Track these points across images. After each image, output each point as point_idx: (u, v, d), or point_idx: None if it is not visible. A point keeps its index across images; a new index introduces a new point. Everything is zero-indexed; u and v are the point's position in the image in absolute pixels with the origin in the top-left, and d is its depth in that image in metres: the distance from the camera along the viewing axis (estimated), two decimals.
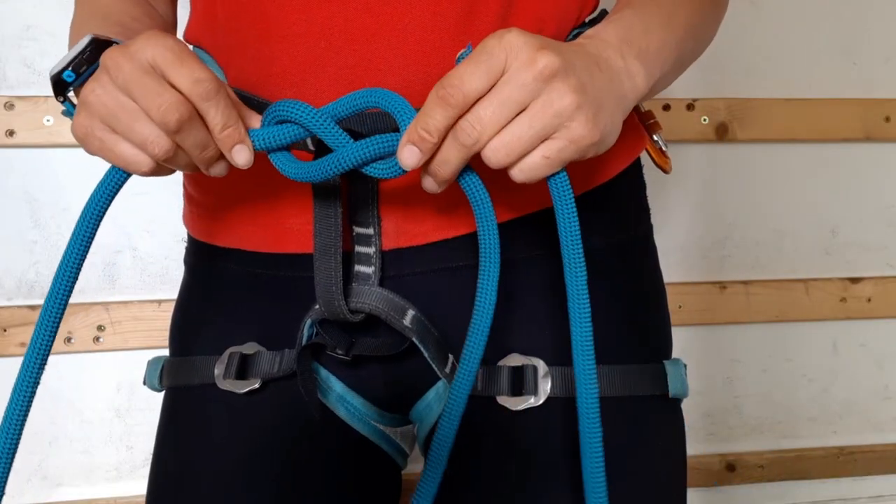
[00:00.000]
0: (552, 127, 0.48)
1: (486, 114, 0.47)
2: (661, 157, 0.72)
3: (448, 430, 0.57)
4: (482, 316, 0.54)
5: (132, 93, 0.49)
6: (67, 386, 1.28)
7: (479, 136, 0.47)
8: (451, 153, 0.48)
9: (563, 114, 0.47)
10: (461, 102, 0.46)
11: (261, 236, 0.63)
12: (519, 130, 0.47)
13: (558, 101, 0.47)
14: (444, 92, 0.46)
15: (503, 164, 0.48)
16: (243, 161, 0.52)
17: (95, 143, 0.51)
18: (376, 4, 0.56)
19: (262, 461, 0.63)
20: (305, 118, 0.51)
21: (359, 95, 0.51)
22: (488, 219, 0.53)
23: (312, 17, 0.57)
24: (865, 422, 1.49)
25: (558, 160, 0.49)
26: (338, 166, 0.51)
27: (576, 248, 0.52)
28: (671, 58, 0.58)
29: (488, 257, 0.54)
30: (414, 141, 0.48)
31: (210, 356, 0.65)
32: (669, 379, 0.64)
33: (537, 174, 0.49)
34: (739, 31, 1.34)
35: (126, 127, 0.49)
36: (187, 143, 0.50)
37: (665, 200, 1.40)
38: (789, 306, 1.43)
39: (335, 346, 0.62)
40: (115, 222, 1.26)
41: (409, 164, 0.49)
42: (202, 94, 0.48)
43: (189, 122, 0.49)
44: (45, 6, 1.21)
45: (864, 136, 1.41)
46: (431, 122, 0.47)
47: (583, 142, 0.48)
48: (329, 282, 0.58)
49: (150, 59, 0.48)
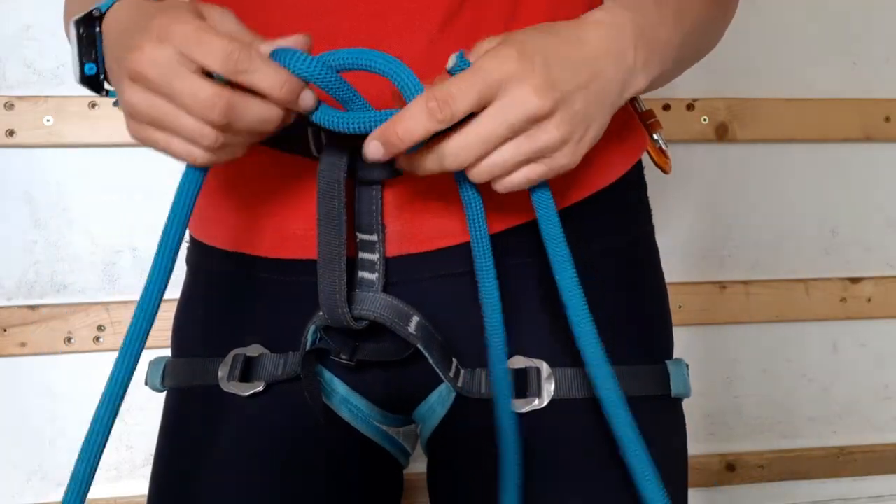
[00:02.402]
0: (535, 154, 0.49)
1: (472, 143, 0.48)
2: (662, 156, 0.72)
3: (509, 447, 0.58)
4: (494, 324, 0.55)
5: (168, 95, 0.47)
6: (67, 386, 1.28)
7: (462, 163, 0.49)
8: (429, 165, 0.50)
9: (549, 148, 0.49)
10: (447, 119, 0.46)
11: (264, 241, 0.63)
12: (502, 158, 0.49)
13: (545, 136, 0.49)
14: (434, 105, 0.46)
15: (484, 181, 0.50)
16: (308, 104, 0.49)
17: (152, 143, 0.51)
18: (382, 11, 0.56)
19: (265, 463, 0.63)
20: (302, 68, 0.48)
21: (363, 55, 0.49)
22: (479, 226, 0.54)
23: (318, 24, 0.57)
24: (865, 422, 1.49)
25: (538, 179, 0.51)
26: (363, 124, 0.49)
27: (561, 252, 0.54)
28: (672, 57, 0.58)
29: (482, 265, 0.55)
30: (383, 140, 0.48)
31: (214, 358, 0.65)
32: (672, 379, 0.64)
33: (519, 187, 0.51)
34: (739, 31, 1.33)
35: (171, 126, 0.48)
36: (244, 124, 0.48)
37: (665, 200, 1.39)
38: (789, 306, 1.43)
39: (339, 351, 0.62)
40: (115, 222, 1.26)
41: (370, 156, 0.48)
42: (238, 68, 0.46)
43: (234, 109, 0.47)
44: (45, 6, 1.21)
45: (864, 136, 1.41)
46: (409, 128, 0.47)
47: (564, 169, 0.51)
48: (332, 289, 0.57)
49: (172, 55, 0.46)
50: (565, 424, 0.61)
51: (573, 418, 0.61)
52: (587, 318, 0.54)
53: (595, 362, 0.54)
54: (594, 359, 0.54)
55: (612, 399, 0.55)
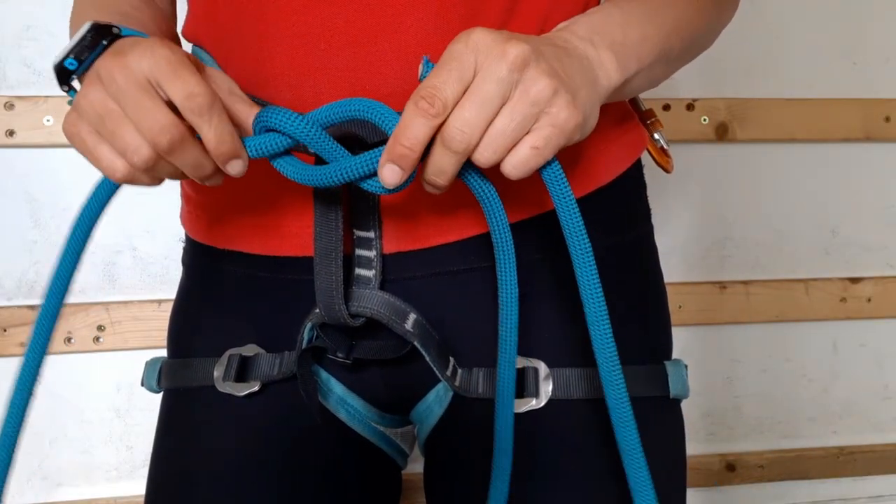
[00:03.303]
0: (533, 115, 0.47)
1: (471, 115, 0.46)
2: (663, 156, 0.72)
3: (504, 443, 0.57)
4: (508, 320, 0.55)
5: (123, 105, 0.48)
6: (67, 386, 1.28)
7: (470, 139, 0.47)
8: (443, 162, 0.48)
9: (542, 99, 0.47)
10: (441, 111, 0.46)
11: (260, 239, 0.63)
12: (501, 125, 0.47)
13: (534, 87, 0.47)
14: (423, 103, 0.46)
15: (492, 161, 0.48)
16: (237, 172, 0.51)
17: (79, 143, 0.51)
18: (377, 5, 0.56)
19: (261, 463, 0.63)
20: (291, 128, 0.50)
21: (343, 105, 0.50)
22: (499, 217, 0.53)
23: (312, 19, 0.57)
24: (865, 422, 1.49)
25: (547, 149, 0.48)
26: (331, 178, 0.50)
27: (581, 237, 0.51)
28: (653, 52, 0.57)
29: (504, 254, 0.54)
30: (394, 158, 0.47)
31: (209, 358, 0.65)
32: (670, 380, 0.64)
33: (529, 166, 0.48)
34: (739, 31, 1.33)
35: (110, 132, 0.49)
36: (181, 162, 0.49)
37: (665, 200, 1.40)
38: (789, 306, 1.43)
39: (335, 349, 0.62)
40: (115, 222, 1.26)
41: (390, 182, 0.48)
42: (195, 110, 0.47)
43: (181, 144, 0.48)
44: (45, 6, 1.21)
45: (864, 136, 1.41)
46: (412, 135, 0.46)
47: (567, 125, 0.48)
48: (329, 286, 0.57)
49: (145, 71, 0.48)
50: (563, 425, 0.61)
51: (571, 419, 0.61)
52: (604, 313, 0.53)
53: (607, 362, 0.53)
54: (606, 359, 0.53)
55: (618, 402, 0.54)
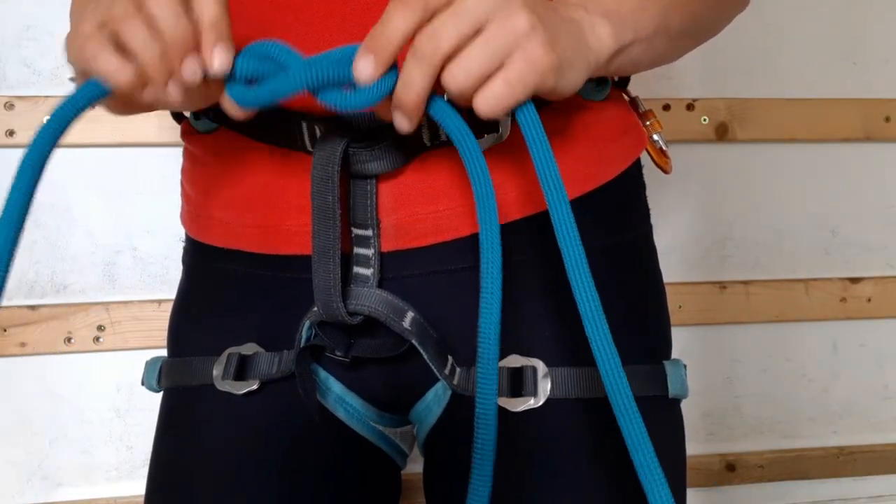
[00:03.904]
0: (507, 46, 0.47)
1: (446, 24, 0.46)
2: (662, 157, 0.72)
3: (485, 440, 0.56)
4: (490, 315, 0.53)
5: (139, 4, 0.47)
6: (67, 386, 1.28)
7: (438, 46, 0.46)
8: (411, 72, 0.47)
9: (518, 32, 0.46)
10: (423, 7, 0.46)
11: (258, 237, 0.63)
12: (474, 52, 0.46)
13: (513, 17, 0.46)
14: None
15: (462, 88, 0.47)
16: (220, 62, 0.48)
17: (83, 42, 0.49)
18: (377, 5, 0.56)
19: (260, 462, 0.63)
20: (278, 52, 0.48)
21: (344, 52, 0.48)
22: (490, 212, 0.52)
23: (310, 16, 0.57)
24: (865, 422, 1.49)
25: (520, 85, 0.47)
26: (286, 87, 0.47)
27: (558, 186, 0.50)
28: (651, 23, 0.57)
29: (489, 252, 0.52)
30: (370, 48, 0.46)
31: (208, 357, 0.65)
32: (669, 380, 0.64)
33: (502, 103, 0.48)
34: (739, 31, 1.33)
35: (121, 28, 0.47)
36: (161, 11, 0.47)
37: (665, 200, 1.39)
38: (789, 306, 1.43)
39: (334, 347, 0.62)
40: (116, 222, 1.26)
41: (363, 75, 0.46)
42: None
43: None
44: (45, 6, 1.21)
45: (864, 136, 1.41)
46: (391, 25, 0.46)
47: (540, 62, 0.47)
48: (327, 284, 0.57)
49: None
50: (561, 424, 0.61)
51: (569, 418, 0.61)
52: (598, 309, 0.52)
53: (606, 359, 0.53)
54: (605, 355, 0.53)
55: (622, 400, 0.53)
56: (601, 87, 0.64)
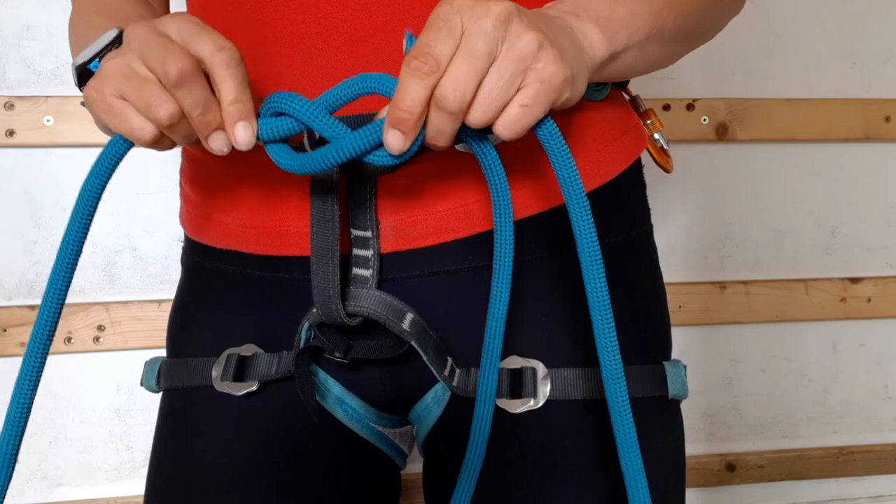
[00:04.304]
0: (520, 72, 0.47)
1: (462, 72, 0.46)
2: (663, 155, 0.72)
3: (479, 441, 0.57)
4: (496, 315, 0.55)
5: (145, 54, 0.48)
6: (67, 386, 1.28)
7: (463, 97, 0.46)
8: (440, 123, 0.47)
9: (528, 54, 0.47)
10: (435, 68, 0.46)
11: (258, 238, 0.63)
12: (489, 84, 0.47)
13: (519, 42, 0.47)
14: (417, 63, 0.46)
15: (484, 121, 0.47)
16: (245, 140, 0.50)
17: (104, 108, 0.50)
18: (374, 5, 0.56)
19: (259, 463, 0.63)
20: (300, 110, 0.50)
21: (353, 81, 0.50)
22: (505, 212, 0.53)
23: (309, 18, 0.57)
24: (865, 422, 1.49)
25: (537, 105, 0.48)
26: (336, 156, 0.50)
27: (579, 194, 0.51)
28: (643, 28, 0.57)
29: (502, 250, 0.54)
30: (395, 124, 0.47)
31: (207, 358, 0.65)
32: (669, 380, 0.64)
33: (520, 125, 0.48)
34: (739, 31, 1.34)
35: (135, 91, 0.49)
36: (188, 100, 0.48)
37: (665, 200, 1.40)
38: (789, 306, 1.43)
39: (333, 349, 0.62)
40: (116, 222, 1.26)
41: (395, 148, 0.48)
42: (224, 62, 0.48)
43: (191, 78, 0.48)
44: (45, 6, 1.21)
45: (864, 136, 1.41)
46: (409, 97, 0.46)
47: (555, 79, 0.48)
48: (326, 286, 0.57)
49: (172, 30, 0.49)
50: (560, 426, 0.61)
51: (568, 420, 0.61)
52: (608, 308, 0.53)
53: (609, 361, 0.53)
54: (608, 357, 0.53)
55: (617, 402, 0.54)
56: (601, 88, 0.64)
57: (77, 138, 1.22)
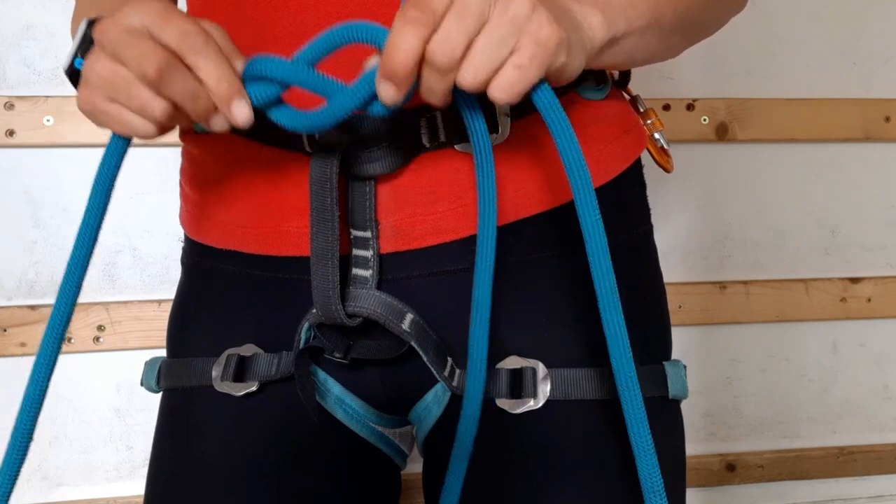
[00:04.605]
0: (512, 34, 0.46)
1: (452, 28, 0.45)
2: (663, 155, 0.72)
3: (465, 437, 0.57)
4: (479, 315, 0.54)
5: (121, 56, 0.48)
6: (67, 386, 1.28)
7: (452, 54, 0.46)
8: (431, 81, 0.47)
9: (520, 16, 0.46)
10: (431, 20, 0.45)
11: (257, 238, 0.63)
12: (480, 43, 0.46)
13: (512, 4, 0.46)
14: (413, 13, 0.45)
15: (474, 83, 0.47)
16: (243, 117, 0.49)
17: (102, 116, 0.50)
18: (374, 5, 0.56)
19: (259, 463, 0.63)
20: (280, 72, 0.49)
21: (339, 30, 0.48)
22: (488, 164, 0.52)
23: (309, 19, 0.57)
24: (865, 422, 1.49)
25: (531, 68, 0.47)
26: (336, 113, 0.49)
27: (581, 168, 0.50)
28: (643, 16, 0.57)
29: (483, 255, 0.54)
30: (387, 75, 0.46)
31: (207, 358, 0.65)
32: (669, 380, 0.64)
33: (515, 89, 0.47)
34: (740, 30, 1.34)
35: (125, 95, 0.48)
36: (175, 93, 0.48)
37: (665, 200, 1.40)
38: (789, 306, 1.43)
39: (333, 349, 0.61)
40: (116, 222, 1.26)
41: (389, 99, 0.47)
42: (191, 48, 0.47)
43: (170, 71, 0.47)
44: (45, 6, 1.21)
45: (864, 136, 1.41)
46: (401, 47, 0.45)
47: (550, 41, 0.47)
48: (326, 286, 0.57)
49: (136, 22, 0.47)
50: (561, 426, 0.61)
51: (569, 420, 0.61)
52: (616, 303, 0.52)
53: (621, 360, 0.53)
54: (620, 356, 0.53)
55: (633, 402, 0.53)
56: (601, 87, 0.64)
57: (77, 138, 1.22)
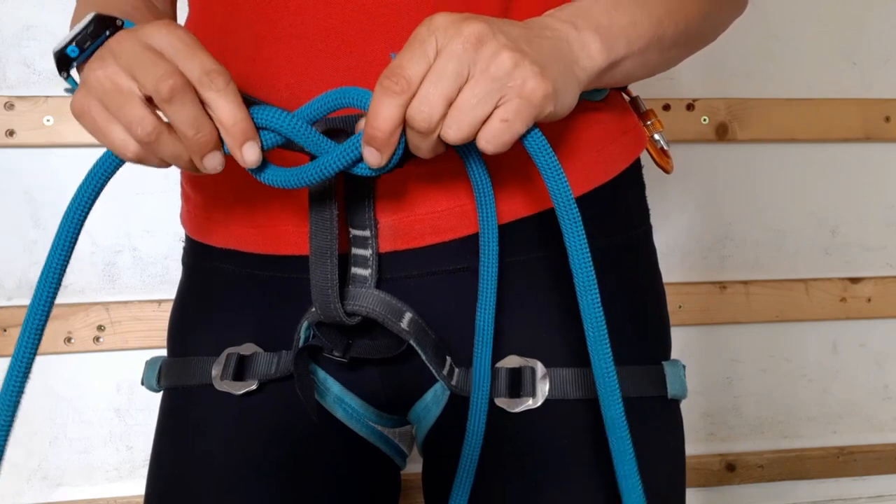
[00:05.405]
0: (497, 90, 0.47)
1: (429, 91, 0.46)
2: (663, 156, 0.72)
3: (473, 440, 0.58)
4: (484, 316, 0.54)
5: (135, 71, 0.48)
6: (67, 386, 1.28)
7: (430, 116, 0.47)
8: (416, 141, 0.49)
9: (503, 73, 0.47)
10: (406, 88, 0.46)
11: (257, 237, 0.63)
12: (462, 101, 0.47)
13: (493, 62, 0.47)
14: (388, 82, 0.46)
15: (458, 137, 0.48)
16: (253, 159, 0.50)
17: (89, 121, 0.50)
18: (373, 5, 0.56)
19: (259, 462, 0.63)
20: (280, 124, 0.50)
21: (331, 95, 0.50)
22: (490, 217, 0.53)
23: (308, 19, 0.57)
24: (865, 422, 1.50)
25: (517, 121, 0.48)
26: (322, 172, 0.50)
27: (569, 205, 0.51)
28: (644, 37, 0.57)
29: (487, 254, 0.55)
30: (368, 141, 0.48)
31: (207, 357, 0.65)
32: (668, 380, 0.64)
33: (501, 140, 0.48)
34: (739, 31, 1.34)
35: (117, 107, 0.48)
36: (180, 117, 0.48)
37: (665, 200, 1.40)
38: (789, 306, 1.43)
39: (332, 348, 0.62)
40: (116, 222, 1.27)
41: (372, 163, 0.49)
42: (212, 85, 0.48)
43: (183, 94, 0.47)
44: (45, 6, 1.21)
45: (864, 136, 1.41)
46: (381, 115, 0.47)
47: (534, 95, 0.48)
48: (325, 285, 0.57)
49: (158, 44, 0.48)
50: (559, 425, 0.61)
51: (567, 419, 0.61)
52: (598, 308, 0.53)
53: (600, 360, 0.54)
54: (600, 356, 0.54)
55: (609, 401, 0.54)
56: (600, 89, 0.64)
57: (77, 138, 1.22)
